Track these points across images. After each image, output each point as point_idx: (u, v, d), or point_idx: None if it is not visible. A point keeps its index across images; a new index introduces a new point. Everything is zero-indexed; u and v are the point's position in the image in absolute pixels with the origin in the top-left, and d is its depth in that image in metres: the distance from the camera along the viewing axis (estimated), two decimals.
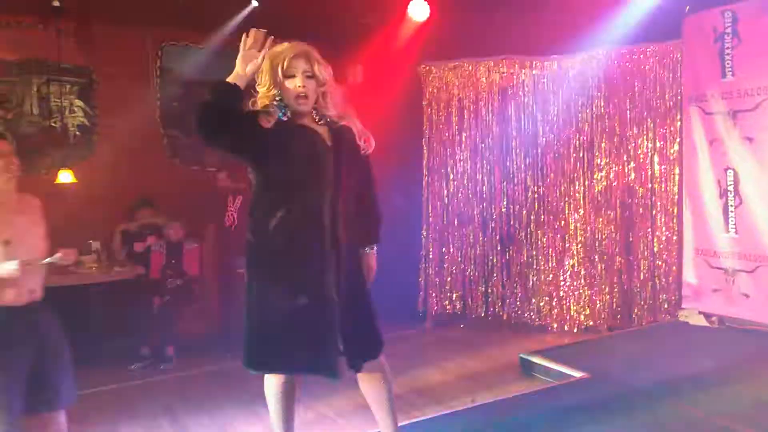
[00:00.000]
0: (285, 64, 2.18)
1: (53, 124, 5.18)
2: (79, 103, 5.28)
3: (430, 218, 5.60)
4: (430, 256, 5.59)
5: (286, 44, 2.23)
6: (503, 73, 5.47)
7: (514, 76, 5.44)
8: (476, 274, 5.61)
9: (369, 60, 5.81)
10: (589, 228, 5.14)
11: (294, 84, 2.18)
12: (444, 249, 5.62)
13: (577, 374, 3.68)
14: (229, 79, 2.13)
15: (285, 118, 2.23)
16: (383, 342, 2.43)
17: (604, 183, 5.08)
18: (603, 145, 5.09)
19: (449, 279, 5.62)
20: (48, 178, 4.86)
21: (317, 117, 2.28)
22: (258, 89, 2.24)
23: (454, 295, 5.64)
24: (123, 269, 4.73)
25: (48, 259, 2.41)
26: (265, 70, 2.20)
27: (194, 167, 5.69)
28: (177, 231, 4.80)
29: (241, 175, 5.43)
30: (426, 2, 5.16)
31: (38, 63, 5.09)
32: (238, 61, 2.14)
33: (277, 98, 2.21)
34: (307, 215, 2.21)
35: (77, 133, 5.29)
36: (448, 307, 5.64)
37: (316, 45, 2.29)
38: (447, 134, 5.57)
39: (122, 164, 5.29)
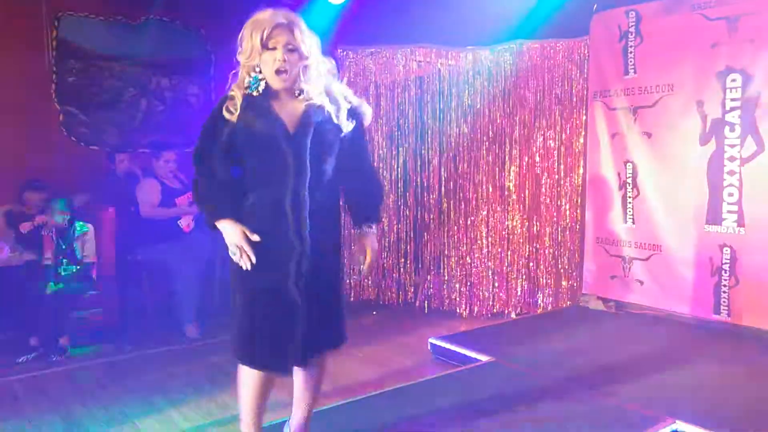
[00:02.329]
0: (265, 34, 2.04)
1: None
2: None
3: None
4: (345, 244, 5.55)
5: (269, 11, 2.08)
6: (420, 61, 5.50)
7: (431, 65, 5.47)
8: (390, 261, 5.65)
9: None
10: (498, 216, 5.27)
11: (274, 57, 2.05)
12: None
13: (484, 358, 3.76)
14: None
15: (255, 93, 2.10)
16: (346, 337, 2.38)
17: (514, 173, 5.22)
18: (514, 136, 5.22)
19: None
20: None
21: (297, 92, 2.14)
22: (239, 58, 2.11)
23: (369, 282, 5.66)
24: (12, 255, 4.39)
25: None
26: (246, 37, 2.08)
27: (93, 147, 5.35)
28: (61, 212, 4.45)
29: (140, 161, 5.25)
30: None
31: None
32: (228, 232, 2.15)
33: (257, 68, 2.09)
34: (270, 204, 2.12)
35: None
36: (361, 294, 5.66)
37: (220, 23, 2.16)
38: None
39: (12, 142, 4.90)
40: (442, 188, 5.49)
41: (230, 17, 2.16)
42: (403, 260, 5.64)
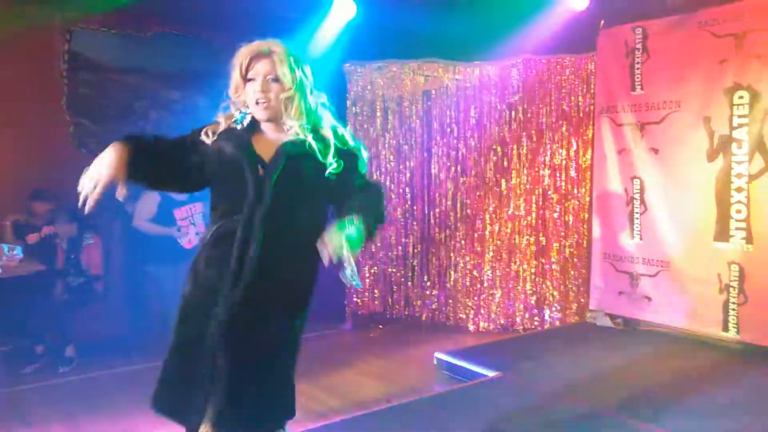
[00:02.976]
0: (244, 66, 1.96)
1: None
2: None
3: None
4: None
5: (253, 43, 1.97)
6: (427, 76, 5.53)
7: (438, 80, 5.51)
8: (397, 274, 5.65)
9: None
10: (505, 231, 5.27)
11: (253, 89, 1.94)
12: (365, 249, 5.61)
13: (491, 373, 3.75)
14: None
15: (239, 127, 1.99)
16: (271, 420, 1.98)
17: (521, 188, 5.23)
18: (521, 151, 5.23)
19: (370, 279, 5.62)
20: None
21: (286, 126, 1.98)
22: (228, 93, 2.04)
23: (375, 295, 5.65)
24: (19, 265, 4.41)
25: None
26: (231, 72, 2.00)
27: None
28: (66, 225, 4.48)
29: None
30: (352, 0, 5.14)
31: None
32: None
33: (245, 104, 2.00)
34: (223, 235, 1.93)
35: None
36: (368, 307, 5.64)
37: (234, 38, 2.11)
38: (371, 134, 5.56)
39: (22, 152, 4.94)
40: (449, 202, 5.49)
41: (240, 30, 2.13)
42: (410, 274, 5.64)
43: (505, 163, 5.27)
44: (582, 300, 5.16)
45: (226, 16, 5.25)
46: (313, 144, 1.94)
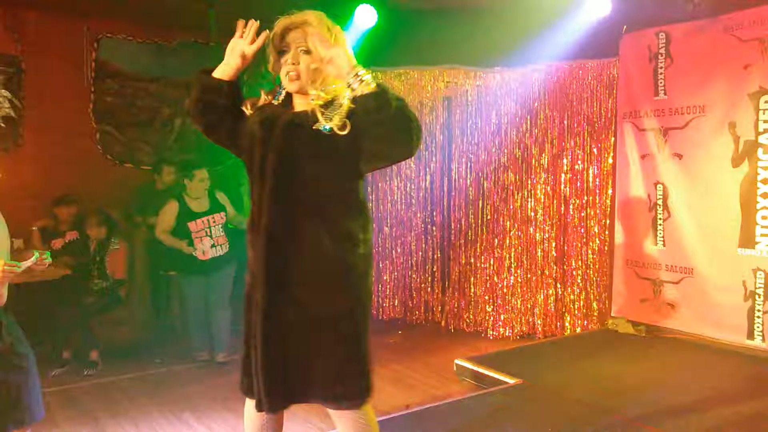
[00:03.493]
0: (278, 37, 1.90)
1: None
2: (5, 93, 5.02)
3: (373, 224, 5.58)
4: (374, 262, 5.57)
5: (289, 14, 1.92)
6: (448, 82, 5.54)
7: (459, 86, 5.51)
8: (417, 280, 5.65)
9: None
10: (526, 237, 5.24)
11: (285, 60, 1.88)
12: (386, 255, 5.63)
13: (511, 380, 3.73)
14: (215, 72, 1.95)
15: (276, 102, 1.95)
16: (354, 397, 1.91)
17: (542, 193, 5.20)
18: (542, 156, 5.21)
19: (390, 285, 5.63)
20: None
21: (311, 97, 1.87)
22: (268, 68, 1.97)
23: (396, 301, 5.66)
24: (49, 269, 4.50)
25: (29, 261, 2.20)
26: (268, 45, 1.94)
27: (127, 164, 5.51)
28: (96, 228, 4.58)
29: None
30: (373, 8, 5.17)
31: None
32: (227, 51, 1.94)
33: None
34: (251, 212, 1.92)
35: (2, 124, 5.02)
36: (388, 313, 5.66)
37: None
38: None
39: (50, 159, 5.07)
40: (470, 208, 5.48)
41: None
42: (429, 279, 5.64)
43: (527, 169, 5.25)
44: (604, 307, 5.10)
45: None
46: (317, 110, 1.82)
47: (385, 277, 5.62)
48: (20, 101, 5.07)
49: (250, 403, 1.98)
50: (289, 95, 1.96)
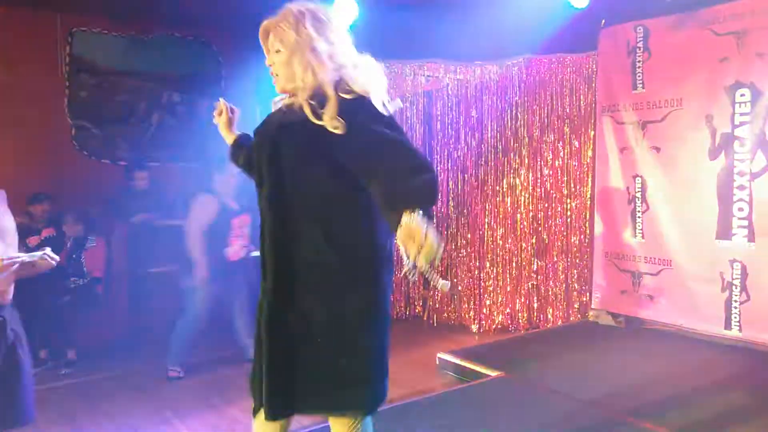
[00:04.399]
0: (262, 40, 1.88)
1: None
2: None
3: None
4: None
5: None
6: (429, 76, 5.53)
7: (439, 80, 5.51)
8: (398, 275, 5.64)
9: None
10: (507, 231, 5.26)
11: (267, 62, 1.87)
12: None
13: (493, 373, 3.74)
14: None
15: (276, 107, 1.93)
16: (356, 405, 1.84)
17: (522, 187, 5.22)
18: (522, 150, 5.23)
19: None
20: None
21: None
22: None
23: None
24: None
25: (34, 255, 2.20)
26: None
27: (104, 160, 5.41)
28: (72, 225, 4.50)
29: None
30: (354, 2, 5.13)
31: None
32: None
33: None
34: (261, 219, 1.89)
35: None
36: None
37: (231, 37, 2.09)
38: None
39: (23, 155, 4.96)
40: (450, 202, 5.49)
41: (241, 32, 2.09)
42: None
43: (507, 163, 5.27)
44: (584, 299, 5.15)
45: (227, 18, 5.26)
46: (305, 105, 1.73)
47: None
48: None
49: (259, 420, 1.89)
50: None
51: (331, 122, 1.67)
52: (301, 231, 1.78)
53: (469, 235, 5.39)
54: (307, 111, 1.72)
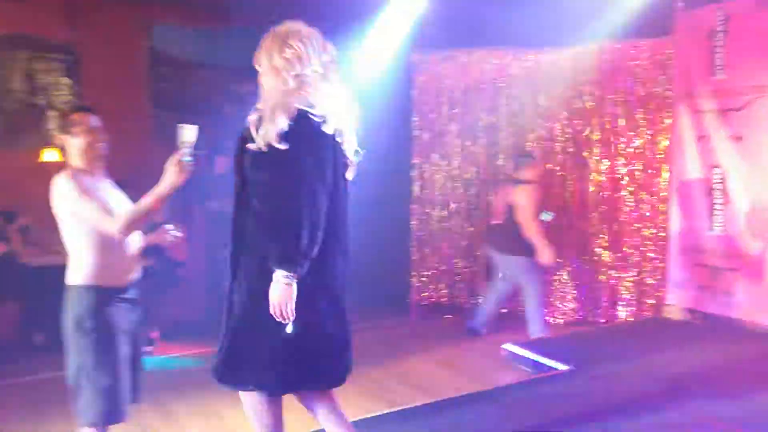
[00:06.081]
0: None
1: (39, 102, 5.09)
2: (65, 80, 5.19)
3: (420, 208, 5.59)
4: (418, 247, 5.58)
5: None
6: (496, 64, 5.46)
7: (507, 68, 5.42)
8: (461, 264, 5.63)
9: (359, 47, 5.76)
10: (576, 222, 5.16)
11: None
12: (432, 239, 5.62)
13: (561, 366, 3.70)
14: None
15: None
16: (222, 376, 2.04)
17: (593, 178, 5.10)
18: (593, 140, 5.10)
19: (436, 270, 5.62)
20: (32, 155, 4.79)
21: None
22: None
23: (441, 286, 5.66)
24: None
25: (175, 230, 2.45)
26: None
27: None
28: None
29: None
30: None
31: (23, 38, 4.99)
32: None
33: None
34: None
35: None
36: (433, 298, 5.66)
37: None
38: (438, 123, 5.55)
39: (108, 145, 5.23)
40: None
41: (310, 21, 2.13)
42: (473, 264, 5.61)
43: (578, 153, 5.15)
44: (659, 294, 4.99)
45: (296, 8, 5.34)
46: (250, 126, 1.89)
47: (431, 262, 5.62)
48: (79, 88, 5.24)
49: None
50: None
51: (256, 136, 1.87)
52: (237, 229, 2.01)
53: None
54: (252, 127, 1.91)
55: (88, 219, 2.19)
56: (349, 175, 2.08)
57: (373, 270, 5.91)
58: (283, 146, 1.82)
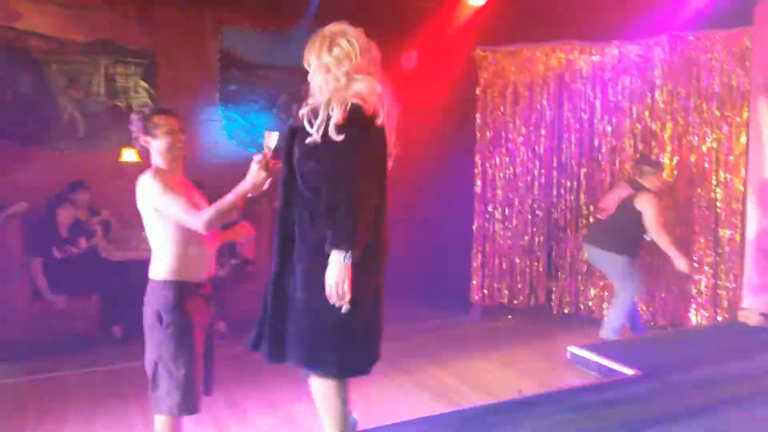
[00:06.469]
0: None
1: (119, 104, 5.38)
2: (143, 84, 5.46)
3: (482, 207, 5.55)
4: (480, 246, 5.55)
5: None
6: (561, 58, 5.35)
7: (573, 62, 5.30)
8: (526, 264, 5.55)
9: (424, 44, 5.77)
10: None
11: None
12: (494, 238, 5.57)
13: (628, 371, 3.60)
14: None
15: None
16: (311, 365, 2.08)
17: (665, 175, 4.91)
18: (665, 136, 4.91)
19: (499, 269, 5.57)
20: (113, 156, 5.06)
21: None
22: None
23: (503, 286, 5.61)
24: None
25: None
26: None
27: (251, 149, 5.83)
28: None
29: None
30: None
31: (105, 44, 5.29)
32: None
33: None
34: None
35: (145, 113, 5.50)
36: (494, 297, 5.61)
37: (368, 28, 2.19)
38: (501, 121, 5.49)
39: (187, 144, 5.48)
40: (582, 190, 5.30)
41: (375, 21, 2.16)
42: (535, 264, 5.52)
43: (647, 150, 4.98)
44: (734, 297, 4.76)
45: (362, 8, 5.42)
46: (303, 118, 2.00)
47: (494, 262, 5.57)
48: (155, 91, 5.50)
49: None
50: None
51: (313, 126, 1.98)
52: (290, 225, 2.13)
53: None
54: (306, 126, 2.01)
55: (173, 215, 2.27)
56: (389, 165, 2.16)
57: (434, 269, 5.94)
58: (339, 138, 1.91)
